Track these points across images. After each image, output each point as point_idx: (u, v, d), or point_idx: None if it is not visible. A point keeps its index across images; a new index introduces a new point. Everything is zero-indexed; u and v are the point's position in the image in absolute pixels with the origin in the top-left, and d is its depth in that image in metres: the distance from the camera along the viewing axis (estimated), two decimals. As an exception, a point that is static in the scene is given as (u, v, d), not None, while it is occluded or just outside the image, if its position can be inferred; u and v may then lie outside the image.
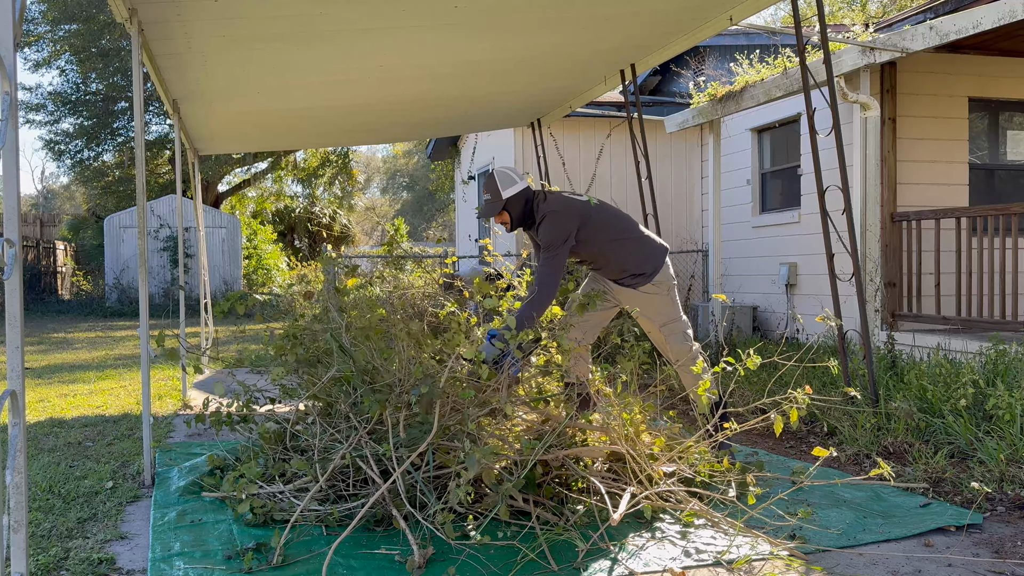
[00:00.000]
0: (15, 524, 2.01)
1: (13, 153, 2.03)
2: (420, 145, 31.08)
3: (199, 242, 8.22)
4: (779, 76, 7.31)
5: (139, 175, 4.06)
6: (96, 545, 3.15)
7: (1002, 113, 7.75)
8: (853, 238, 4.76)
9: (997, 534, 3.13)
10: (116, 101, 21.52)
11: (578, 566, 2.84)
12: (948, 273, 6.75)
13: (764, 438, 4.97)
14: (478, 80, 6.51)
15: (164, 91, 5.81)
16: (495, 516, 3.09)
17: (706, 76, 10.99)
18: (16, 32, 1.98)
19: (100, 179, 22.59)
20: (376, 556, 2.96)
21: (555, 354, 3.87)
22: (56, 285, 19.93)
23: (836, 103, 4.76)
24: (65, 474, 4.20)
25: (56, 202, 44.83)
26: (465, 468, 3.00)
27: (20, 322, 2.02)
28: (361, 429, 3.38)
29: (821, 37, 4.85)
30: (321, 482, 3.31)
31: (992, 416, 4.29)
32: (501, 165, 4.27)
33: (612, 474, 3.51)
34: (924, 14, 7.62)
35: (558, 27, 5.24)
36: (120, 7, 3.95)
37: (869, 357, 4.83)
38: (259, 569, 2.85)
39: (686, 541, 3.08)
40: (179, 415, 5.97)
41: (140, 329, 4.07)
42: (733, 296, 9.62)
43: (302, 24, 4.70)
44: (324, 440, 3.54)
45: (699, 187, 10.96)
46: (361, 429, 3.38)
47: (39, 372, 8.22)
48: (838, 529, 3.19)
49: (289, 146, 19.27)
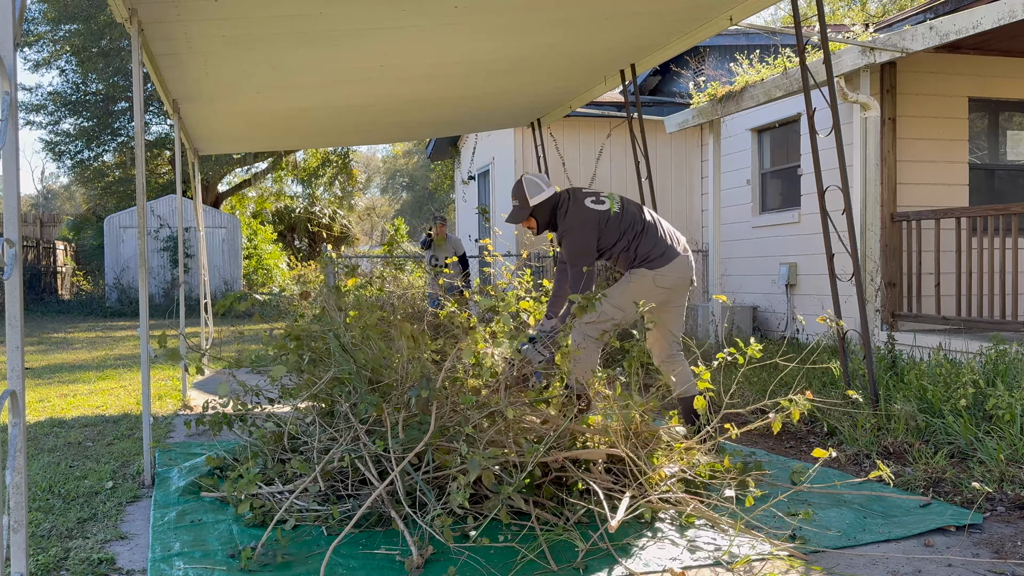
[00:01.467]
0: (15, 524, 2.01)
1: (13, 153, 2.03)
2: (420, 145, 31.08)
3: (199, 242, 8.22)
4: (779, 76, 7.31)
5: (139, 175, 4.06)
6: (96, 545, 3.15)
7: (1002, 113, 7.75)
8: (853, 238, 4.76)
9: (997, 534, 3.13)
10: (116, 101, 21.53)
11: (578, 566, 2.84)
12: (948, 273, 6.75)
13: (764, 438, 4.97)
14: (478, 80, 6.51)
15: (164, 91, 5.81)
16: (495, 516, 3.10)
17: (706, 76, 10.99)
18: (16, 32, 1.98)
19: (100, 179, 22.60)
20: (376, 556, 2.95)
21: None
22: (56, 285, 19.94)
23: (836, 103, 4.76)
24: (65, 474, 4.20)
25: (56, 202, 44.84)
26: (464, 472, 3.00)
27: (20, 322, 2.02)
28: (359, 429, 3.38)
29: (821, 37, 4.85)
30: (320, 484, 3.31)
31: (992, 416, 4.29)
32: (531, 173, 4.55)
33: (612, 476, 3.51)
34: (924, 14, 7.62)
35: (558, 27, 5.24)
36: (120, 7, 3.95)
37: (869, 357, 4.83)
38: (259, 569, 2.85)
39: (686, 541, 3.08)
40: (179, 415, 5.97)
41: (140, 329, 4.07)
42: (733, 296, 9.62)
43: (302, 24, 4.70)
44: (323, 441, 3.54)
45: (699, 187, 10.96)
46: (359, 429, 3.38)
47: (39, 372, 8.22)
48: (838, 529, 3.19)
49: (289, 146, 19.27)
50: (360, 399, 3.44)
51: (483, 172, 13.05)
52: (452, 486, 3.06)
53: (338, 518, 3.21)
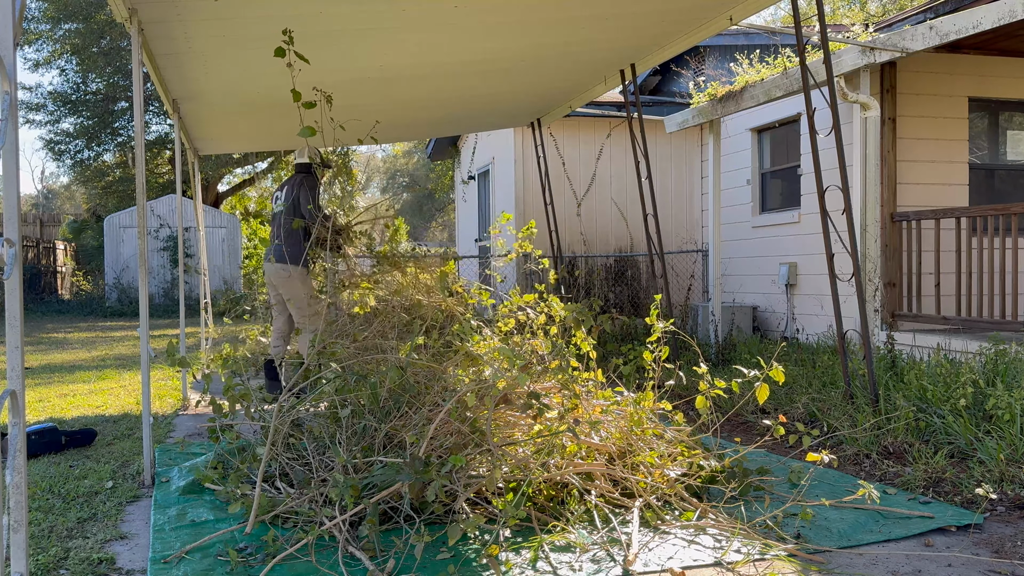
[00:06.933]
0: (15, 524, 2.01)
1: (13, 153, 2.03)
2: (420, 145, 31.05)
3: (199, 242, 8.21)
4: (779, 76, 7.31)
5: (139, 175, 4.06)
6: (96, 545, 3.15)
7: (1002, 113, 7.75)
8: (853, 238, 4.76)
9: (997, 534, 3.13)
10: (116, 101, 21.52)
11: (578, 566, 2.84)
12: (948, 273, 6.75)
13: (764, 438, 4.96)
14: (478, 80, 6.51)
15: (164, 91, 5.81)
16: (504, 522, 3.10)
17: (706, 76, 10.99)
18: (16, 32, 1.98)
19: (100, 179, 22.59)
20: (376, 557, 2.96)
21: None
22: (56, 285, 19.93)
23: (836, 103, 4.76)
24: (65, 474, 4.20)
25: (56, 202, 44.83)
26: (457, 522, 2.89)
27: (20, 322, 2.02)
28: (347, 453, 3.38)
29: (821, 37, 4.85)
30: (314, 491, 3.31)
31: (992, 416, 4.29)
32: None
33: (611, 481, 3.51)
34: (924, 14, 7.62)
35: (558, 27, 5.24)
36: (120, 7, 3.95)
37: (869, 357, 4.83)
38: (258, 568, 2.85)
39: (686, 541, 3.08)
40: (179, 415, 5.97)
41: (140, 329, 4.08)
42: (733, 296, 9.62)
43: (302, 24, 4.70)
44: (321, 451, 3.55)
45: (699, 187, 10.95)
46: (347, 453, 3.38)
47: (38, 372, 8.22)
48: (838, 529, 3.19)
49: (289, 146, 19.23)
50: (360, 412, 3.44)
51: (483, 172, 13.05)
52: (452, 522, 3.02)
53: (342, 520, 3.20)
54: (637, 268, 10.64)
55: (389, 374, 3.53)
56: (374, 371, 3.80)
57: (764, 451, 4.61)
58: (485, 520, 3.17)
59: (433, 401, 3.63)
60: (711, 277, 8.71)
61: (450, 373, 3.78)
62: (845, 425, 4.66)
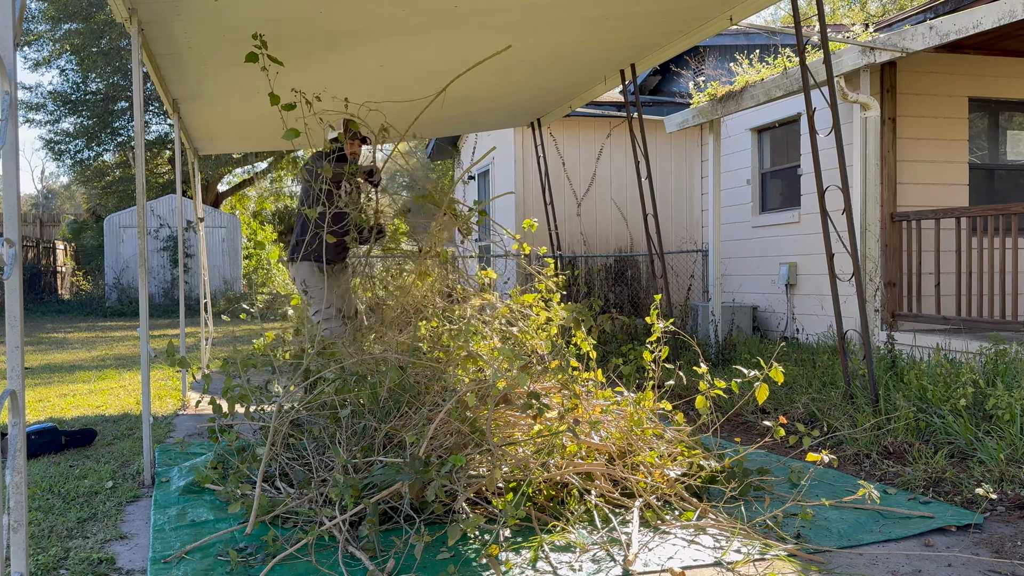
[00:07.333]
0: (15, 524, 2.01)
1: (13, 153, 2.03)
2: (420, 145, 31.07)
3: (199, 242, 8.21)
4: (779, 76, 7.31)
5: (139, 175, 4.06)
6: (96, 545, 3.15)
7: (1002, 113, 7.75)
8: (853, 238, 4.76)
9: (997, 534, 3.13)
10: (116, 101, 21.52)
11: (578, 566, 2.84)
12: (948, 273, 6.75)
13: (763, 437, 4.96)
14: (478, 80, 6.50)
15: (164, 91, 5.80)
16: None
17: (706, 76, 10.99)
18: (16, 32, 1.98)
19: (100, 179, 22.59)
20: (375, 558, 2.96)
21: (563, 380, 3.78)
22: (56, 285, 19.93)
23: (836, 103, 4.76)
24: (65, 474, 4.20)
25: (56, 202, 44.83)
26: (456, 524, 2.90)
27: (20, 322, 2.02)
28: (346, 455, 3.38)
29: (821, 37, 4.85)
30: (314, 492, 3.31)
31: (992, 416, 4.29)
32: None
33: (611, 481, 3.51)
34: (924, 14, 7.62)
35: (558, 27, 5.24)
36: (120, 7, 3.95)
37: (869, 357, 4.83)
38: (258, 568, 2.85)
39: (686, 541, 3.08)
40: (179, 415, 5.97)
41: (140, 329, 4.07)
42: (733, 296, 9.62)
43: (301, 24, 4.70)
44: (320, 451, 3.55)
45: (699, 187, 10.96)
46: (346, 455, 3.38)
47: (38, 372, 8.22)
48: (838, 529, 3.19)
49: (289, 146, 19.24)
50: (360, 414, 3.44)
51: (483, 172, 13.05)
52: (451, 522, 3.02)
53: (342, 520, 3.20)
54: (637, 268, 10.64)
55: (389, 374, 3.54)
56: (373, 371, 3.80)
57: (764, 451, 4.60)
58: (485, 520, 3.17)
59: (433, 401, 3.63)
60: (711, 277, 8.71)
61: (450, 373, 3.79)
62: (845, 425, 4.66)
